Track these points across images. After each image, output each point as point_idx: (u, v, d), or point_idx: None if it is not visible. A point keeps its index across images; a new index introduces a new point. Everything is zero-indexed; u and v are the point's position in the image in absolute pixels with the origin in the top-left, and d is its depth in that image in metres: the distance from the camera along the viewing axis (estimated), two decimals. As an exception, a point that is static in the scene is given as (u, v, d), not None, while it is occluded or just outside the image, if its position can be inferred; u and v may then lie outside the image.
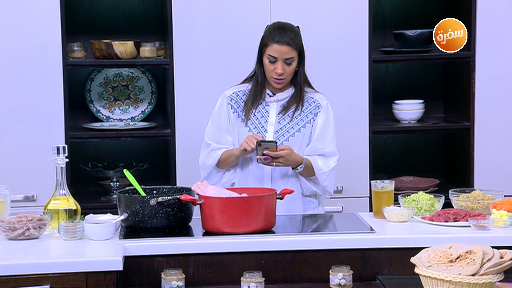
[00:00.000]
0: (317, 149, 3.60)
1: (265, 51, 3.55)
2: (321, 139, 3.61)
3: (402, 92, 4.92)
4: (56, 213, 3.13)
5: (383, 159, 4.97)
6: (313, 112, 3.62)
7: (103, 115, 4.76)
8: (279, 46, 3.52)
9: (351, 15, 4.50)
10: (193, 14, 4.44)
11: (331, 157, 3.62)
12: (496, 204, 3.27)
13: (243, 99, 3.63)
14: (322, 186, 3.61)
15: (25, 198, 4.37)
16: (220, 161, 3.59)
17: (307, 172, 3.57)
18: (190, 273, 3.01)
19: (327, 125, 3.63)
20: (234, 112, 3.62)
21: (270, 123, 3.59)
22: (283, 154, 3.46)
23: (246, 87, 3.65)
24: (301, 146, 3.59)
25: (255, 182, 3.57)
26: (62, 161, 3.15)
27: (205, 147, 3.64)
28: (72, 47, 4.46)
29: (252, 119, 3.59)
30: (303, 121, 3.61)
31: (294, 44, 3.54)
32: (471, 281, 2.52)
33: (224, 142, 3.61)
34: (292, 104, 3.61)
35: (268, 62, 3.55)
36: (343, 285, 2.91)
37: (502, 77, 4.60)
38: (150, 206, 3.10)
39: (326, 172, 3.59)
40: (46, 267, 2.80)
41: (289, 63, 3.55)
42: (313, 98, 3.65)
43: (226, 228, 3.08)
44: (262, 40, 3.60)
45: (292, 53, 3.54)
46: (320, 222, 3.42)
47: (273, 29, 3.58)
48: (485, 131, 4.61)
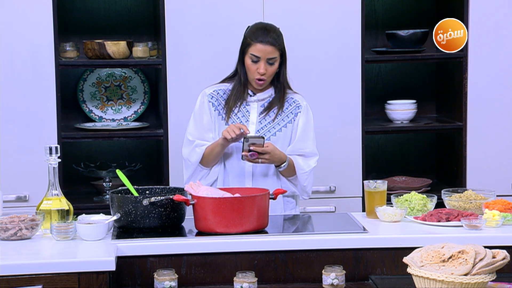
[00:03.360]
0: (298, 149, 3.62)
1: (248, 51, 3.55)
2: (303, 139, 3.62)
3: (394, 92, 4.93)
4: (49, 213, 3.12)
5: (376, 159, 4.97)
6: (294, 112, 3.63)
7: (96, 115, 4.75)
8: (263, 45, 3.52)
9: (344, 15, 4.50)
10: (185, 14, 4.43)
11: (311, 157, 3.64)
12: (488, 204, 3.28)
13: (223, 98, 3.63)
14: (302, 186, 3.62)
15: (17, 198, 4.36)
16: (205, 156, 3.58)
17: (288, 171, 3.58)
18: (183, 273, 3.01)
19: (308, 126, 3.64)
20: (215, 110, 3.62)
21: (251, 122, 3.60)
22: (269, 151, 3.46)
23: (226, 87, 3.66)
24: (282, 145, 3.59)
25: (235, 181, 3.57)
26: (55, 161, 3.14)
27: (188, 144, 3.63)
28: (65, 47, 4.45)
29: (233, 118, 3.60)
30: (284, 121, 3.62)
31: (277, 44, 3.54)
32: (464, 281, 2.53)
33: (208, 139, 3.61)
34: (274, 105, 3.62)
35: (251, 62, 3.55)
36: (336, 285, 2.92)
37: (495, 77, 4.61)
38: (143, 206, 3.10)
39: (307, 172, 3.61)
40: (38, 267, 2.79)
41: (271, 63, 3.55)
42: (293, 99, 3.66)
43: (219, 228, 3.08)
44: (244, 40, 3.60)
45: (275, 53, 3.54)
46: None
47: (256, 29, 3.58)
48: (478, 131, 4.62)
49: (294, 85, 4.50)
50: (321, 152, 4.51)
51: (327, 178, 4.56)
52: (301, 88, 4.50)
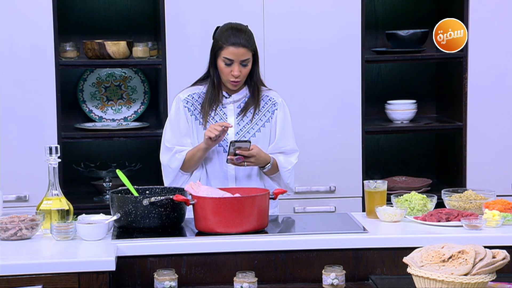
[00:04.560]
0: (279, 147, 3.61)
1: (220, 54, 3.52)
2: (282, 138, 3.62)
3: (394, 92, 4.93)
4: (49, 213, 3.12)
5: (376, 159, 4.97)
6: (270, 110, 3.62)
7: (96, 115, 4.76)
8: (235, 48, 3.50)
9: (344, 15, 4.50)
10: (185, 14, 4.43)
11: (292, 154, 3.63)
12: (488, 204, 3.28)
13: (199, 102, 3.60)
14: (285, 183, 3.61)
15: (17, 198, 4.36)
16: (186, 162, 3.56)
17: (272, 170, 3.58)
18: (183, 273, 3.01)
19: (286, 123, 3.63)
20: (192, 115, 3.59)
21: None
22: (254, 154, 3.46)
23: (200, 90, 3.63)
24: (263, 145, 3.59)
25: (218, 184, 3.55)
26: (55, 161, 3.14)
27: (167, 151, 3.60)
28: (65, 47, 4.46)
29: (210, 122, 3.57)
30: (261, 120, 3.61)
31: (250, 46, 3.52)
32: (464, 281, 2.53)
33: (186, 145, 3.58)
34: (250, 105, 3.60)
35: (224, 65, 3.52)
36: (336, 285, 2.91)
37: (495, 77, 4.61)
38: (143, 206, 3.10)
39: (290, 169, 3.61)
40: (38, 267, 2.79)
41: (245, 65, 3.53)
42: (268, 96, 3.64)
43: (219, 228, 3.08)
44: (215, 42, 3.56)
45: (247, 55, 3.52)
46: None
47: (226, 31, 3.54)
48: (478, 131, 4.62)
49: (294, 85, 4.51)
50: (321, 152, 4.55)
51: (327, 178, 4.56)
52: (301, 88, 4.52)
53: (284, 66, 4.50)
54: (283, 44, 4.49)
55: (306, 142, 4.51)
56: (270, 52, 4.47)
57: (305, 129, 4.50)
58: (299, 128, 4.51)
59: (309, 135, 4.51)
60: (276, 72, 4.46)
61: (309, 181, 4.54)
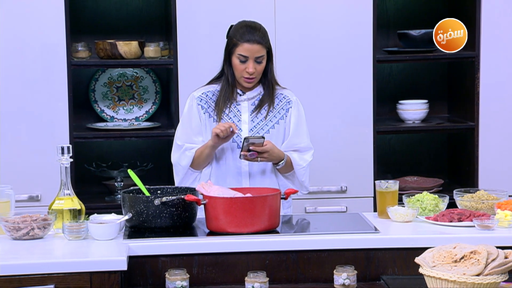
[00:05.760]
0: (293, 145, 3.61)
1: (235, 51, 3.53)
2: (296, 135, 3.62)
3: (406, 92, 4.92)
4: (61, 213, 3.13)
5: (387, 159, 4.97)
6: (285, 108, 3.62)
7: (107, 115, 4.77)
8: (250, 45, 3.51)
9: (355, 15, 4.50)
10: (197, 14, 4.44)
11: (307, 151, 3.63)
12: (500, 204, 3.27)
13: (213, 99, 3.61)
14: (300, 181, 3.61)
15: (29, 198, 4.37)
16: (195, 159, 3.57)
17: (286, 168, 3.58)
18: (194, 273, 3.01)
19: (300, 120, 3.63)
20: (205, 113, 3.60)
21: (243, 121, 3.59)
22: (268, 149, 3.46)
23: (214, 88, 3.63)
24: (277, 142, 3.58)
25: (232, 181, 3.55)
26: (67, 161, 3.15)
27: (177, 148, 3.61)
28: (77, 47, 4.47)
29: (224, 119, 3.57)
30: (276, 117, 3.61)
31: (264, 42, 3.53)
32: (476, 281, 2.52)
33: (197, 142, 3.59)
34: (265, 102, 3.60)
35: (239, 62, 3.53)
36: (347, 285, 2.91)
37: (507, 77, 4.59)
38: (154, 206, 3.10)
39: (304, 167, 3.60)
40: (50, 267, 2.80)
41: (259, 62, 3.53)
42: (283, 94, 3.65)
43: (230, 228, 3.08)
44: (230, 40, 3.57)
45: (262, 51, 3.52)
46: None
47: (241, 28, 3.55)
48: (490, 131, 4.60)
49: (306, 85, 4.51)
50: (332, 152, 4.54)
51: (339, 178, 4.56)
52: (313, 87, 4.52)
53: (296, 66, 4.50)
54: (294, 43, 4.49)
55: (318, 142, 4.49)
56: (282, 52, 4.47)
57: (317, 128, 4.50)
58: (310, 128, 4.48)
59: (320, 135, 4.51)
60: (287, 72, 4.46)
61: (320, 181, 4.54)
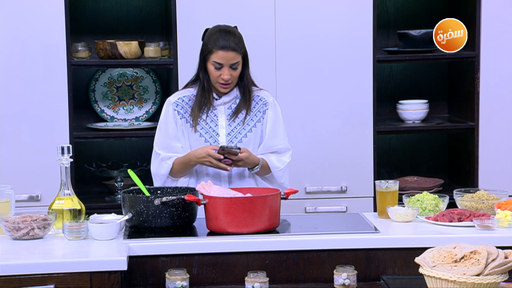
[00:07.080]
0: (270, 147, 3.60)
1: (210, 58, 3.50)
2: (273, 136, 3.60)
3: (406, 92, 4.92)
4: (61, 213, 3.13)
5: (387, 159, 4.97)
6: (261, 110, 3.61)
7: (108, 115, 4.77)
8: (225, 52, 3.47)
9: (356, 15, 4.49)
10: (197, 14, 4.44)
11: (285, 153, 3.62)
12: (500, 204, 3.27)
13: (189, 104, 3.58)
14: (279, 183, 3.60)
15: (29, 198, 4.37)
16: (174, 169, 3.54)
17: (262, 171, 3.57)
18: (194, 273, 3.01)
19: (277, 122, 3.61)
20: (182, 118, 3.57)
21: (220, 126, 3.57)
22: (243, 158, 3.45)
23: (190, 92, 3.61)
24: (254, 145, 3.58)
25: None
26: (67, 161, 3.15)
27: (155, 157, 3.59)
28: (77, 47, 4.47)
29: (201, 124, 3.56)
30: (253, 120, 3.60)
31: (239, 49, 3.49)
32: (476, 281, 2.52)
33: (174, 150, 3.57)
34: (242, 107, 3.57)
35: (214, 68, 3.50)
36: (348, 285, 2.91)
37: (507, 77, 4.59)
38: (155, 206, 3.10)
39: (282, 169, 3.59)
40: (50, 267, 2.80)
41: (235, 68, 3.50)
42: (259, 96, 3.62)
43: (230, 228, 3.08)
44: (204, 46, 3.54)
45: (237, 58, 3.49)
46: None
47: (214, 33, 3.51)
48: (490, 131, 4.60)
49: (306, 85, 4.51)
50: (332, 152, 4.54)
51: (339, 178, 4.56)
52: (313, 87, 4.52)
53: (296, 66, 4.50)
54: (294, 43, 4.49)
55: (318, 142, 4.51)
56: (282, 52, 4.47)
57: (317, 128, 4.50)
58: (310, 128, 4.52)
59: (320, 135, 4.51)
60: (287, 72, 4.46)
61: (320, 181, 4.54)
